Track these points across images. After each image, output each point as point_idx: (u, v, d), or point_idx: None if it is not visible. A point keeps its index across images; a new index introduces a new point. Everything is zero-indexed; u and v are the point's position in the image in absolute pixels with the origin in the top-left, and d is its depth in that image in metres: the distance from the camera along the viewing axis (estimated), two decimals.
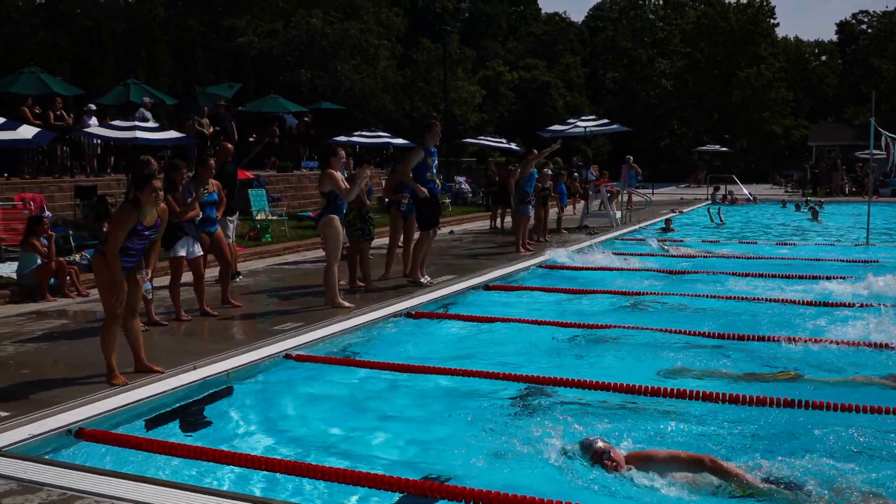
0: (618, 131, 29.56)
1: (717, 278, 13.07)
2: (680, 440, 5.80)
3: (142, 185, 6.89)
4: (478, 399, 6.88)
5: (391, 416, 6.54)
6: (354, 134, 27.78)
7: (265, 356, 7.78)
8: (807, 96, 74.30)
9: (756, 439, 5.85)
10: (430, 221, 12.01)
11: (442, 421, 6.34)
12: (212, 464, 5.34)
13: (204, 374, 7.11)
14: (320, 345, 8.45)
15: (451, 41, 47.17)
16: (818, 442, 5.69)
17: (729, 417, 6.28)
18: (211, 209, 10.12)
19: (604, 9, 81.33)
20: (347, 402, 6.89)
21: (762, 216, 27.89)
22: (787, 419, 6.18)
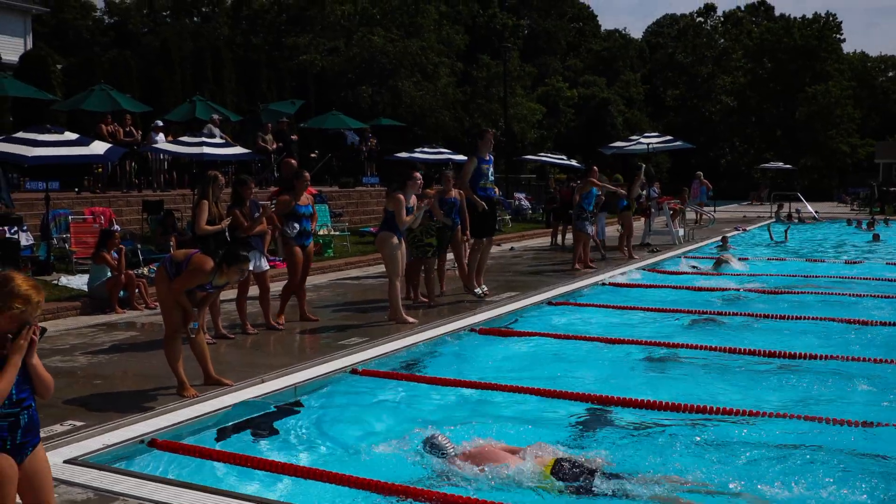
0: (680, 148, 29.24)
1: (776, 296, 12.90)
2: (737, 459, 5.68)
3: (231, 263, 7.03)
4: (541, 416, 6.83)
5: (455, 431, 6.51)
6: (416, 150, 27.89)
7: (332, 370, 7.83)
8: (873, 112, 72.73)
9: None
10: (484, 230, 11.97)
11: (507, 438, 6.29)
12: (279, 475, 5.37)
13: (272, 387, 7.18)
14: (385, 360, 8.47)
15: (510, 58, 47.20)
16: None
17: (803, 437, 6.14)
18: (307, 222, 10.29)
19: (664, 25, 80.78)
20: (412, 418, 6.88)
21: (829, 234, 27.30)
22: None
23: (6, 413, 3.73)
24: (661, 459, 5.72)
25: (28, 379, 3.81)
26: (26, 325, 3.73)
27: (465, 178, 11.76)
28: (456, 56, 48.75)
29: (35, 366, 3.82)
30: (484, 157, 11.92)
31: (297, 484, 5.30)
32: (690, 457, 5.81)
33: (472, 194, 11.68)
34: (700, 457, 5.82)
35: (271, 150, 22.73)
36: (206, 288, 7.06)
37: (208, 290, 7.16)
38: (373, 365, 8.19)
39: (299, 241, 10.19)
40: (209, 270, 6.92)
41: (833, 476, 5.38)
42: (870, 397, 7.29)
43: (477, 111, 48.98)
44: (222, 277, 7.03)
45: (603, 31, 77.51)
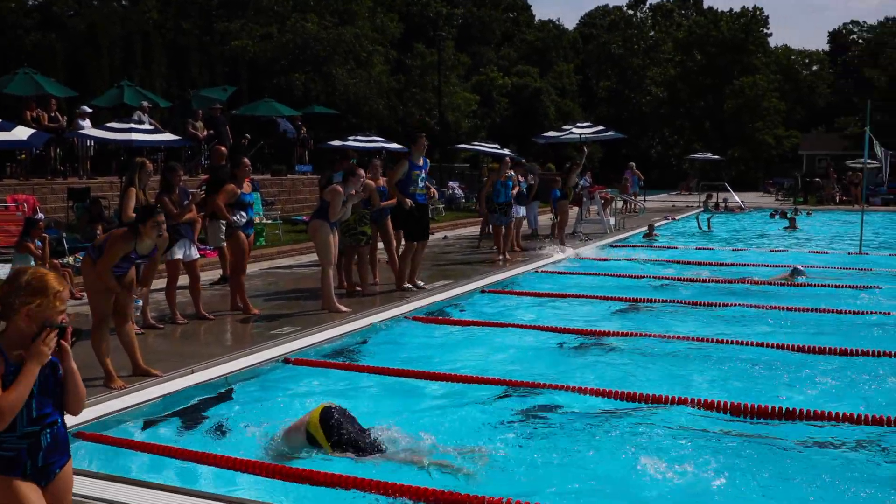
0: (611, 138, 29.60)
1: (704, 284, 13.20)
2: (684, 445, 5.80)
3: (145, 219, 6.95)
4: (474, 403, 6.86)
5: (388, 419, 6.50)
6: (349, 138, 27.72)
7: (263, 360, 7.76)
8: (798, 105, 74.58)
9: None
10: (417, 233, 11.94)
11: (438, 425, 6.31)
12: (207, 466, 5.31)
13: (202, 377, 7.09)
14: (317, 349, 8.43)
15: (445, 47, 47.20)
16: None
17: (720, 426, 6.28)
18: (251, 210, 10.17)
19: (596, 16, 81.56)
20: (346, 406, 6.85)
21: (753, 224, 27.96)
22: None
23: (26, 433, 3.23)
24: (582, 446, 5.82)
25: (52, 391, 3.30)
26: (47, 327, 3.22)
27: (393, 180, 11.72)
28: (390, 44, 48.58)
29: (71, 374, 3.32)
30: (416, 162, 11.77)
31: (224, 475, 5.24)
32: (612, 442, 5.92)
33: (401, 195, 11.65)
34: (618, 440, 5.93)
35: (202, 137, 22.37)
36: (132, 258, 6.96)
37: (135, 260, 7.06)
38: (305, 354, 8.14)
39: (244, 229, 10.09)
40: (127, 235, 6.87)
41: (754, 462, 5.54)
42: (791, 383, 7.48)
43: (411, 100, 48.92)
44: (143, 240, 6.93)
45: (537, 21, 77.96)
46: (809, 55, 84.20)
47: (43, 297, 3.29)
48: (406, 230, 11.99)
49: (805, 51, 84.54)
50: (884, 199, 37.68)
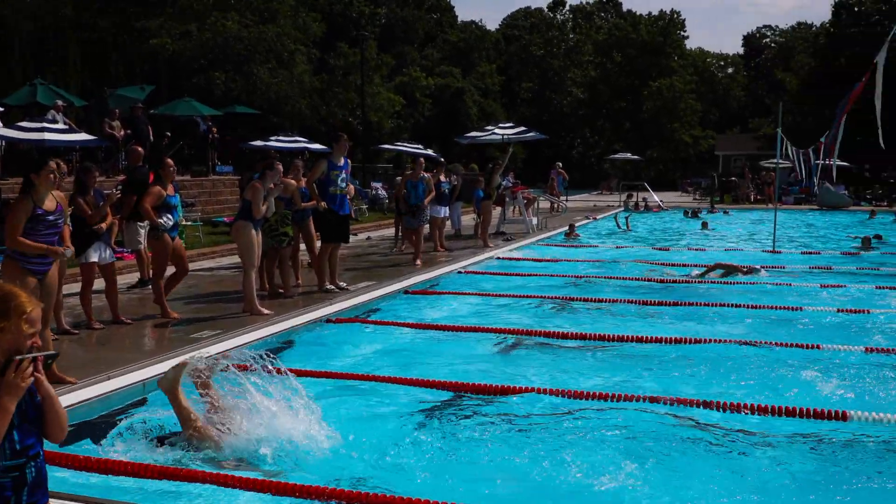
0: (533, 139, 29.89)
1: (623, 282, 13.45)
2: (609, 445, 5.88)
3: (38, 168, 6.91)
4: (399, 405, 6.85)
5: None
6: (271, 138, 27.41)
7: None
8: (714, 107, 76.44)
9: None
10: (334, 236, 11.89)
11: (361, 428, 6.28)
12: (122, 476, 5.20)
13: (119, 384, 6.93)
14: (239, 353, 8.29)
15: (368, 47, 47.05)
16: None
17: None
18: (176, 212, 9.96)
19: (518, 18, 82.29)
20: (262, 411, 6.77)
21: (670, 223, 28.54)
22: None
23: (9, 466, 2.94)
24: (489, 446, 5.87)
25: (34, 419, 3.00)
26: (14, 359, 2.83)
27: (311, 179, 11.66)
28: (312, 44, 48.20)
29: (50, 399, 3.01)
30: (337, 162, 11.75)
31: (139, 483, 5.14)
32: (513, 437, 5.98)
33: (317, 196, 11.61)
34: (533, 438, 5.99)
35: (119, 137, 21.87)
36: (44, 219, 6.96)
37: (51, 221, 7.05)
38: None
39: (171, 232, 9.89)
40: (23, 193, 6.92)
41: (684, 456, 5.65)
42: (710, 376, 7.66)
43: (334, 100, 48.63)
44: (40, 191, 6.93)
45: (460, 22, 78.28)
46: (724, 58, 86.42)
47: (6, 321, 2.89)
48: (321, 231, 11.95)
49: (720, 54, 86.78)
50: (796, 199, 38.83)
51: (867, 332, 9.65)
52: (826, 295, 12.32)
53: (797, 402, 6.65)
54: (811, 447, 5.91)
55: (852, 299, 11.85)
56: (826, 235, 23.91)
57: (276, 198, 10.78)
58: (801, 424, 6.24)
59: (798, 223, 28.43)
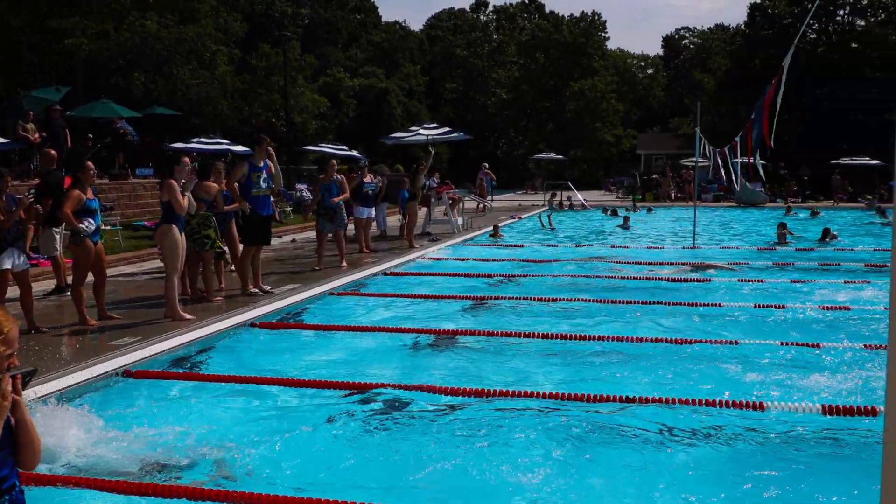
0: (458, 139, 30.03)
1: (548, 280, 13.64)
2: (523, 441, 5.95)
3: None
4: (325, 409, 6.82)
5: (234, 429, 6.39)
6: (192, 140, 27.00)
7: (102, 373, 7.44)
8: (635, 107, 77.81)
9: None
10: (257, 238, 11.80)
11: (286, 433, 6.24)
12: (37, 487, 5.07)
13: (34, 394, 6.73)
14: (160, 359, 8.17)
15: (291, 47, 46.65)
16: None
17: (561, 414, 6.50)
18: (97, 216, 9.73)
19: (442, 18, 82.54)
20: (189, 418, 6.68)
21: (593, 221, 28.95)
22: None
23: None
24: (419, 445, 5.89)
25: (7, 445, 2.72)
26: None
27: (232, 181, 11.58)
28: (234, 44, 47.60)
29: (25, 424, 2.73)
30: (257, 163, 11.69)
31: (61, 494, 5.03)
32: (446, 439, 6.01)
33: (239, 198, 11.52)
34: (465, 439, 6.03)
35: (33, 140, 21.27)
36: None
37: None
38: (147, 365, 7.87)
39: (93, 237, 9.66)
40: None
41: (597, 450, 5.75)
42: (630, 372, 7.80)
43: (257, 101, 48.10)
44: None
45: (383, 22, 78.19)
46: (645, 59, 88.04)
47: None
48: (244, 234, 11.85)
49: (641, 55, 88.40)
50: (715, 196, 39.74)
51: (782, 325, 9.94)
52: (747, 290, 12.65)
53: (715, 394, 6.83)
54: (730, 437, 6.07)
55: (769, 294, 12.20)
56: (744, 231, 24.54)
57: (198, 200, 10.65)
58: (719, 416, 6.40)
59: (716, 220, 29.14)
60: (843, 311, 10.66)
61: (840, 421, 6.23)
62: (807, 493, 5.15)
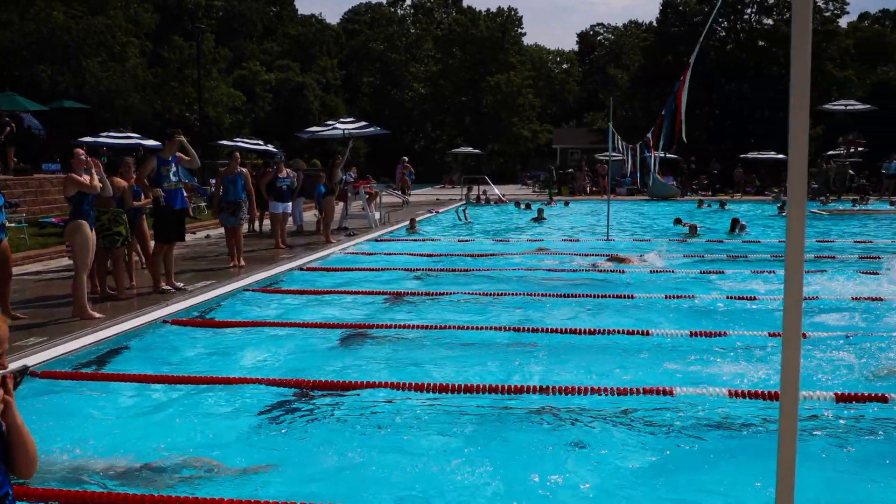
0: (375, 134, 29.92)
1: (465, 273, 13.73)
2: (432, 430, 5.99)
3: None
4: (239, 407, 6.75)
5: (146, 430, 6.27)
6: (102, 134, 26.36)
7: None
8: (551, 102, 78.73)
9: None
10: (170, 234, 11.61)
11: (200, 432, 6.15)
12: None
13: None
14: (67, 359, 7.96)
15: (204, 39, 45.83)
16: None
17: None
18: (2, 213, 9.40)
19: (359, 12, 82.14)
20: (99, 420, 6.53)
21: (509, 215, 29.21)
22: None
23: None
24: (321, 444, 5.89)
25: (1, 454, 2.56)
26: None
27: (142, 177, 11.37)
28: (145, 36, 46.56)
29: (17, 429, 2.55)
30: (165, 157, 11.52)
31: None
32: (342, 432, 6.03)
33: (152, 189, 11.33)
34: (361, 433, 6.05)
35: None
36: None
37: None
38: (54, 366, 7.66)
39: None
40: None
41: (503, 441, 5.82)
42: (548, 364, 7.91)
43: (170, 94, 47.16)
44: None
45: (299, 15, 77.41)
46: (560, 54, 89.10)
47: None
48: (156, 230, 11.64)
49: (557, 50, 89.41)
50: (629, 190, 40.48)
51: (692, 315, 10.20)
52: (659, 281, 12.94)
53: (626, 382, 6.98)
54: (642, 423, 6.21)
55: (679, 284, 12.50)
56: (657, 224, 25.06)
57: (107, 196, 10.40)
58: (631, 402, 6.55)
59: (630, 213, 29.71)
60: (749, 300, 10.98)
61: (745, 404, 6.44)
62: (713, 473, 5.32)
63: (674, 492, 5.13)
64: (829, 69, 55.10)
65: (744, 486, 5.06)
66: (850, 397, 6.51)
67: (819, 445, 5.76)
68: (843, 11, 57.63)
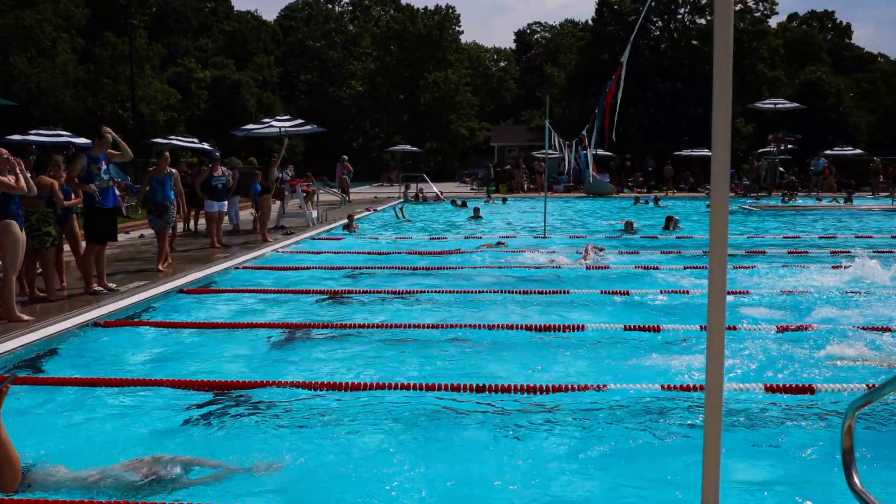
0: (311, 132, 29.73)
1: (403, 272, 13.75)
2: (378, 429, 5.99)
3: None
4: (174, 409, 6.66)
5: (76, 434, 6.16)
6: (31, 132, 25.74)
7: None
8: (489, 100, 79.09)
9: None
10: (101, 233, 11.40)
11: (131, 436, 6.06)
12: None
13: None
14: None
15: (137, 36, 45.05)
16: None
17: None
18: None
19: (295, 9, 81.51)
20: (28, 425, 6.38)
21: (446, 213, 29.27)
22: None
23: None
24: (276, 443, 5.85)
25: None
26: None
27: (72, 176, 11.15)
28: (76, 31, 45.58)
29: (2, 445, 2.30)
30: (96, 155, 11.30)
31: None
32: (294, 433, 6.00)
33: (83, 186, 11.13)
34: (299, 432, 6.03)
35: None
36: None
37: None
38: None
39: None
40: None
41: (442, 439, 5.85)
42: (484, 361, 7.96)
43: (102, 91, 46.26)
44: None
45: (235, 11, 76.50)
46: (498, 52, 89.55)
47: None
48: (87, 230, 11.42)
49: (494, 48, 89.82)
50: (566, 187, 40.89)
51: (627, 309, 10.34)
52: (594, 277, 13.09)
53: (562, 378, 7.06)
54: (575, 419, 6.28)
55: (614, 280, 12.67)
56: (593, 220, 25.36)
57: (35, 196, 10.16)
58: (566, 397, 6.63)
59: (567, 210, 30.01)
60: (682, 294, 11.17)
61: (678, 396, 6.57)
62: (647, 466, 5.42)
63: (607, 485, 5.20)
64: (759, 68, 56.32)
65: (678, 479, 5.16)
66: (779, 388, 6.67)
67: (749, 435, 5.90)
68: (773, 12, 58.95)
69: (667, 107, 52.68)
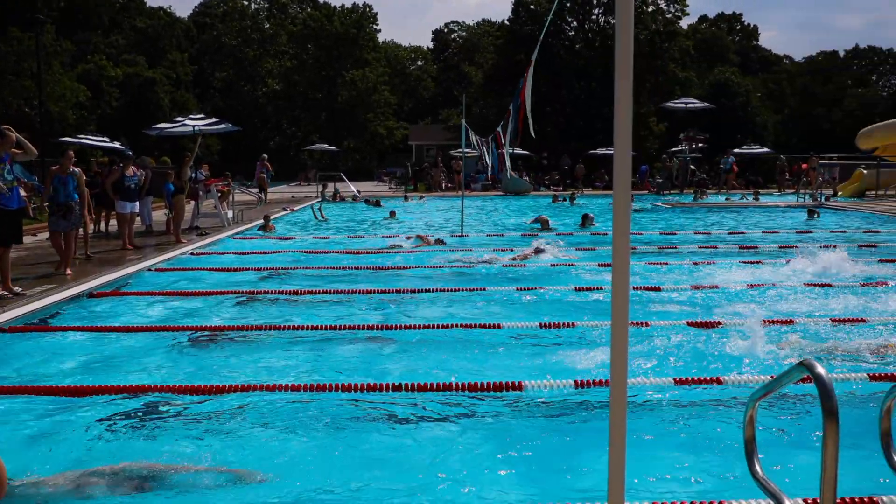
0: (226, 131, 29.30)
1: (321, 272, 13.67)
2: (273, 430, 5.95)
3: None
4: (82, 416, 6.50)
5: None
6: None
7: None
8: (407, 98, 79.12)
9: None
10: (5, 236, 11.05)
11: (38, 445, 5.90)
12: None
13: None
14: None
15: (45, 31, 43.74)
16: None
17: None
18: None
19: (211, 6, 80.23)
20: None
21: (363, 213, 29.20)
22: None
23: None
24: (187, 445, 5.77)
25: None
26: None
27: None
28: None
29: None
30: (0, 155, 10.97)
31: None
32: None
33: None
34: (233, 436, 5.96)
35: None
36: None
37: None
38: None
39: None
40: None
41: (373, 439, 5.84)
42: (399, 361, 7.97)
43: (7, 88, 44.78)
44: None
45: (147, 7, 74.85)
46: (416, 51, 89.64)
47: None
48: None
49: (412, 47, 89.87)
50: (483, 185, 41.15)
51: (542, 307, 10.47)
52: (510, 275, 13.21)
53: (478, 377, 7.11)
54: (492, 416, 6.34)
55: (530, 278, 12.81)
56: (510, 218, 25.59)
57: None
58: (482, 396, 6.68)
59: (485, 208, 30.23)
60: (596, 290, 11.35)
61: (592, 392, 6.68)
62: (560, 458, 5.51)
63: (521, 480, 5.26)
64: (671, 69, 57.57)
65: (594, 472, 5.25)
66: (687, 381, 6.84)
67: (657, 426, 6.04)
68: (684, 13, 60.28)
69: (582, 106, 53.45)
